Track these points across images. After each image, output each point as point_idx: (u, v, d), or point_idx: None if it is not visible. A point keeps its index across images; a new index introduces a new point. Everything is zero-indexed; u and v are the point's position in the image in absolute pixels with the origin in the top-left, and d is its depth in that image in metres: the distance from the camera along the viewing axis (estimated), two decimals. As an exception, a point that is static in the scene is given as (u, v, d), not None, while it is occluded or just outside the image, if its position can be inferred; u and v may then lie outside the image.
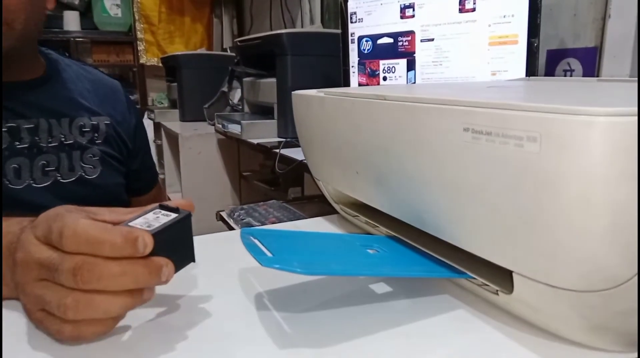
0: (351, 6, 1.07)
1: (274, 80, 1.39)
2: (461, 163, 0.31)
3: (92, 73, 0.84)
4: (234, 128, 1.50)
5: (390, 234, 0.45)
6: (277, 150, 1.18)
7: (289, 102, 1.32)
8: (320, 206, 1.25)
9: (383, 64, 1.05)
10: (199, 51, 2.39)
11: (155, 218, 0.35)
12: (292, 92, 0.57)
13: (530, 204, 0.28)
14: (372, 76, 1.07)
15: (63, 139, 0.73)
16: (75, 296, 0.30)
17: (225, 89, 1.90)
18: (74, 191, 0.73)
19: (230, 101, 1.88)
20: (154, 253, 0.31)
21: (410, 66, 1.00)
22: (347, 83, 1.11)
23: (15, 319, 0.35)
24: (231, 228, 1.07)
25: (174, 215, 0.35)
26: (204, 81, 2.14)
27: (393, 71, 1.03)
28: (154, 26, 2.71)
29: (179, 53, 2.22)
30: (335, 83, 1.30)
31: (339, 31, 1.36)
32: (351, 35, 1.09)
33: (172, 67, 2.24)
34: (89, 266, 0.30)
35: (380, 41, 1.04)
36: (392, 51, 1.02)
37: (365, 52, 1.07)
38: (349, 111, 0.45)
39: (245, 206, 1.17)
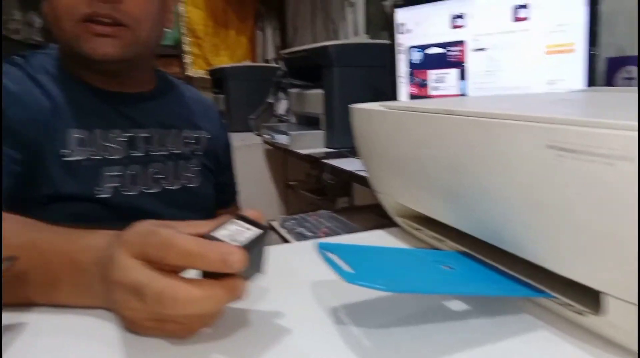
0: (400, 17, 1.08)
1: (320, 91, 1.41)
2: (545, 180, 0.31)
3: (191, 91, 0.91)
4: (282, 139, 1.52)
5: (459, 250, 0.45)
6: (326, 161, 1.19)
7: (336, 113, 1.35)
8: (369, 216, 1.25)
9: (433, 74, 1.04)
10: (244, 64, 2.44)
11: (238, 231, 0.35)
12: (350, 106, 0.58)
13: (622, 224, 0.27)
14: (422, 86, 1.07)
15: (171, 148, 0.78)
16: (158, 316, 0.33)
17: (271, 100, 1.94)
18: (178, 199, 0.78)
19: (276, 112, 1.92)
20: None
21: (462, 76, 0.99)
22: (396, 94, 1.11)
23: (104, 327, 0.36)
24: (283, 238, 1.08)
25: (254, 229, 0.36)
26: (250, 92, 2.19)
27: (443, 81, 1.02)
28: (200, 39, 2.79)
29: (226, 66, 2.27)
30: (383, 94, 1.30)
31: (385, 42, 1.37)
32: (400, 46, 1.09)
33: (219, 79, 2.30)
34: (172, 293, 0.31)
35: (429, 51, 1.04)
36: (442, 61, 1.01)
37: (415, 62, 1.07)
38: (415, 125, 0.46)
39: (296, 217, 1.19)
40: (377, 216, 1.15)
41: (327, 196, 1.58)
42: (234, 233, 0.35)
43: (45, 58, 0.74)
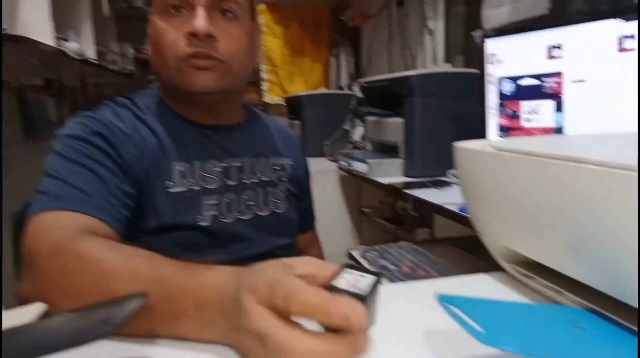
0: (490, 47, 1.05)
1: (399, 120, 1.40)
2: None
3: (273, 120, 0.96)
4: (360, 166, 1.52)
5: (582, 304, 0.42)
6: (409, 191, 1.18)
7: (416, 143, 1.33)
8: (452, 249, 1.21)
9: (526, 105, 1.00)
10: (320, 91, 2.49)
11: (355, 279, 0.35)
12: (455, 145, 0.57)
13: None
14: (513, 117, 1.03)
15: (261, 176, 0.83)
16: None
17: (347, 127, 1.95)
18: (268, 224, 0.81)
19: (351, 139, 1.93)
20: None
21: (558, 108, 0.95)
22: (485, 124, 1.08)
23: None
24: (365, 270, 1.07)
25: (368, 275, 0.36)
26: (324, 118, 2.23)
27: (537, 112, 0.98)
28: (277, 67, 2.89)
29: (302, 93, 2.33)
30: (468, 124, 1.27)
31: (470, 70, 1.34)
32: (490, 76, 1.07)
33: (295, 106, 2.36)
34: (294, 345, 0.32)
35: (522, 82, 1.00)
36: (536, 92, 0.97)
37: (506, 93, 1.04)
38: (534, 172, 0.44)
39: (377, 248, 1.17)
40: (460, 249, 1.12)
41: (404, 225, 1.55)
42: (353, 281, 0.35)
43: (148, 98, 0.80)
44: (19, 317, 0.43)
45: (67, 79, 2.09)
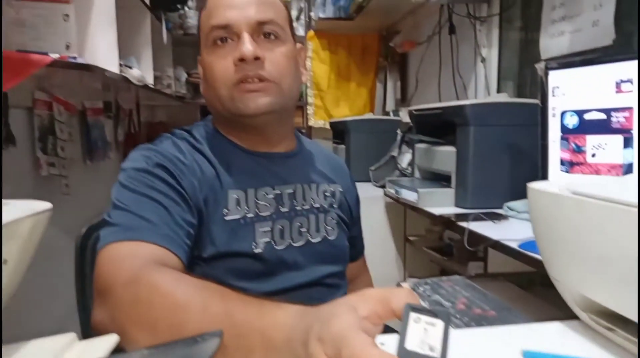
0: (553, 80, 1.03)
1: (452, 149, 1.38)
2: None
3: (323, 148, 0.97)
4: (409, 195, 1.50)
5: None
6: (463, 224, 1.15)
7: (470, 173, 1.30)
8: (507, 285, 1.16)
9: (592, 139, 0.97)
10: (366, 116, 2.49)
11: (426, 332, 0.34)
12: (530, 186, 0.55)
13: None
14: (577, 152, 0.99)
15: (312, 203, 0.83)
16: None
17: (394, 153, 1.94)
18: (320, 251, 0.81)
19: (399, 165, 1.91)
20: None
21: (627, 143, 0.91)
22: (546, 158, 1.05)
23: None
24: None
25: (437, 320, 0.35)
26: (370, 143, 2.23)
27: (604, 147, 0.95)
28: (323, 92, 2.92)
29: (348, 118, 2.34)
30: (525, 155, 1.23)
31: (528, 101, 1.31)
32: (553, 109, 1.04)
33: (340, 130, 2.37)
34: None
35: (588, 116, 0.97)
36: (603, 127, 0.94)
37: (569, 127, 1.01)
38: (622, 221, 0.41)
39: (429, 281, 1.14)
40: (516, 286, 1.07)
41: (454, 257, 1.51)
42: (423, 336, 0.34)
43: (204, 129, 0.82)
44: (93, 349, 0.43)
45: (124, 101, 2.19)
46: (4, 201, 0.42)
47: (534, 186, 0.53)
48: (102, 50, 1.33)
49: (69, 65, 1.17)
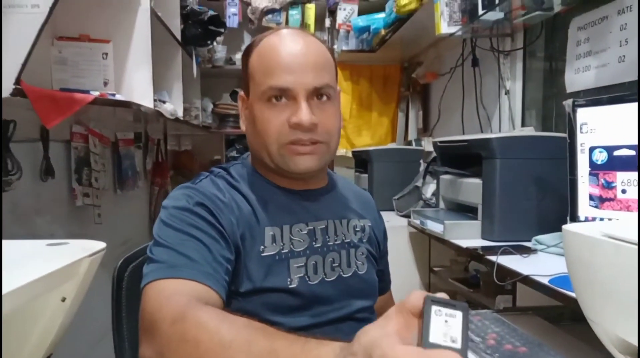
0: (582, 117, 1.04)
1: (477, 180, 1.38)
2: None
3: (350, 184, 1.00)
4: (435, 226, 1.50)
5: None
6: (491, 258, 1.14)
7: (496, 205, 1.30)
8: (536, 320, 1.15)
9: (622, 175, 0.97)
10: (388, 146, 2.52)
11: (446, 324, 0.36)
12: (565, 228, 0.56)
13: None
14: (607, 188, 1.00)
15: (343, 238, 0.85)
16: None
17: (419, 184, 1.95)
18: (351, 285, 0.83)
19: (423, 196, 1.92)
20: None
21: (657, 180, 0.91)
22: (575, 193, 1.05)
23: None
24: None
25: (456, 311, 0.36)
26: (393, 173, 2.24)
27: (634, 184, 0.94)
28: (345, 121, 2.96)
29: (372, 148, 2.36)
30: (553, 189, 1.24)
31: (555, 135, 1.31)
32: (580, 145, 1.04)
33: (363, 159, 2.39)
34: None
35: (617, 153, 0.97)
36: (633, 164, 0.94)
37: (598, 163, 1.01)
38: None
39: (458, 316, 1.14)
40: (544, 320, 1.06)
41: (481, 289, 1.50)
42: (445, 328, 0.36)
43: (241, 167, 0.86)
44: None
45: (152, 132, 2.25)
46: (63, 240, 0.44)
47: (570, 228, 0.54)
48: (138, 86, 1.39)
49: (108, 102, 1.23)
